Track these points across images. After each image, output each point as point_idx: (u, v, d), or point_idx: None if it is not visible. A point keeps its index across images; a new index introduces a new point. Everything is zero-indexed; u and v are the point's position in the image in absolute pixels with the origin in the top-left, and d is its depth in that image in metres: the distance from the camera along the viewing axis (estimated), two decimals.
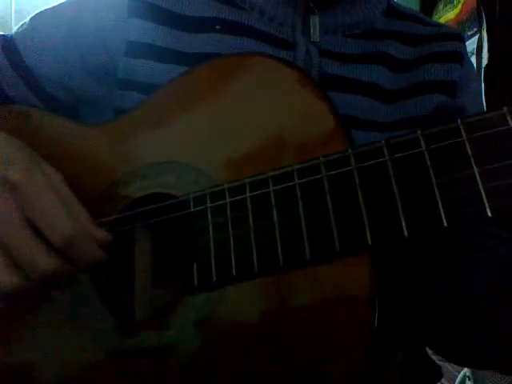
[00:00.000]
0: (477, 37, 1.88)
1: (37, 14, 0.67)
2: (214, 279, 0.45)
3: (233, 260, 0.45)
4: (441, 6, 2.08)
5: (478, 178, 0.37)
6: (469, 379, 1.50)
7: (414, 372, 0.59)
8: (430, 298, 0.54)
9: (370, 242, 0.40)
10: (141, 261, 0.53)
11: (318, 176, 0.43)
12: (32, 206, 0.45)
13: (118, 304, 0.53)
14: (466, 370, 1.48)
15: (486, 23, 1.85)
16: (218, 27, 0.61)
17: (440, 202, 0.38)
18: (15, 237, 0.44)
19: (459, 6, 2.03)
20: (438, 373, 0.63)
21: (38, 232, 0.45)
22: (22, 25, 0.67)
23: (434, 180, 0.38)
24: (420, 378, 0.61)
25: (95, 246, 0.48)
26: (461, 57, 0.66)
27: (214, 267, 0.45)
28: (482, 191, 0.37)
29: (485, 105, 0.74)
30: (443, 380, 0.65)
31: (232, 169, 0.50)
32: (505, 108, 0.38)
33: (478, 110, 0.66)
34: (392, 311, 0.46)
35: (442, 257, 0.54)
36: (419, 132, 0.40)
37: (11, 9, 1.92)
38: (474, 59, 1.82)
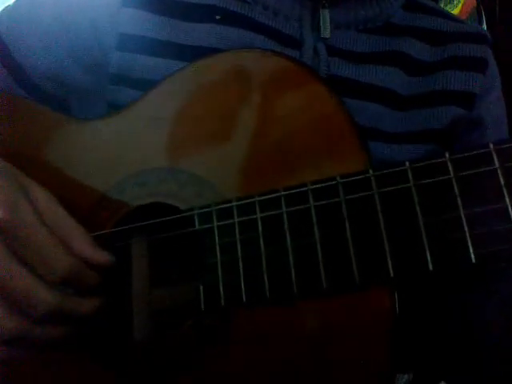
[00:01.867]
0: None
1: None
2: (223, 304, 0.43)
3: (242, 285, 0.42)
4: (441, 6, 2.06)
5: (510, 211, 0.35)
6: None
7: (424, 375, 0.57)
8: (443, 330, 0.52)
9: (392, 275, 0.37)
10: (138, 279, 0.51)
11: (336, 200, 0.40)
12: (23, 246, 0.42)
13: (115, 312, 0.50)
14: None
15: (486, 23, 1.84)
16: (217, 17, 0.57)
17: (468, 236, 0.36)
18: (9, 275, 0.41)
19: (459, 6, 2.01)
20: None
21: (33, 269, 0.42)
22: (6, 7, 0.62)
23: (462, 211, 0.36)
24: (420, 378, 0.59)
25: (93, 274, 0.45)
26: (485, 64, 0.62)
27: (222, 292, 0.43)
28: None
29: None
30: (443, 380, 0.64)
31: (238, 178, 0.47)
32: None
33: (497, 121, 0.63)
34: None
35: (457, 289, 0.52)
36: (447, 156, 0.37)
37: None
38: None
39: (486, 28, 1.84)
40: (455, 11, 2.04)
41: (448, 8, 2.06)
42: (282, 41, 0.57)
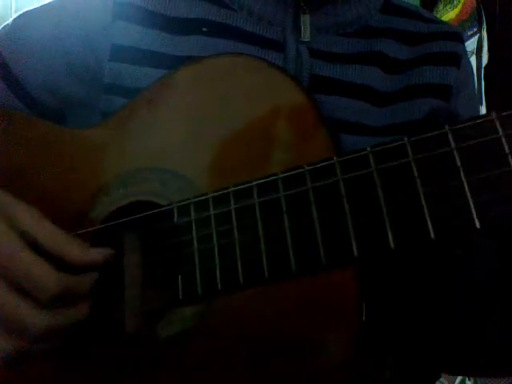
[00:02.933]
0: (477, 37, 1.86)
1: (20, 15, 0.66)
2: (200, 292, 0.44)
3: (218, 273, 0.44)
4: (441, 6, 2.07)
5: (466, 188, 0.36)
6: (468, 379, 1.49)
7: (412, 372, 0.58)
8: (408, 300, 0.53)
9: (356, 254, 0.39)
10: (129, 272, 0.52)
11: (304, 188, 0.42)
12: (11, 270, 0.43)
13: (107, 311, 0.52)
14: None
15: (486, 23, 1.84)
16: (204, 29, 0.60)
17: (427, 213, 0.37)
18: (1, 302, 0.43)
19: (459, 6, 2.01)
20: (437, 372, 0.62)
21: (25, 292, 0.43)
22: (5, 26, 0.66)
23: (421, 191, 0.37)
24: (420, 377, 0.60)
25: (86, 281, 0.47)
26: (458, 59, 0.65)
27: (199, 280, 0.44)
28: (471, 202, 0.36)
29: (485, 104, 0.72)
30: (443, 380, 0.64)
31: (217, 175, 0.49)
32: (493, 114, 0.37)
33: (471, 115, 0.65)
34: (380, 313, 0.45)
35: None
36: (406, 139, 0.39)
37: (11, 9, 1.92)
38: (473, 59, 1.81)
39: (485, 28, 1.85)
40: (455, 11, 2.05)
41: (448, 8, 2.07)
42: (266, 45, 0.60)
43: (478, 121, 0.37)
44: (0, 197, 0.47)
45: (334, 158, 0.41)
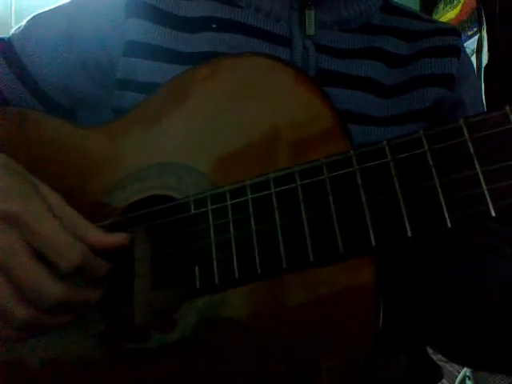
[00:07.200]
0: (477, 37, 1.87)
1: (34, 16, 0.67)
2: (217, 282, 0.45)
3: (235, 262, 0.44)
4: (441, 6, 2.08)
5: (481, 178, 0.37)
6: (469, 379, 1.48)
7: (414, 372, 0.59)
8: (431, 301, 0.53)
9: (373, 244, 0.40)
10: (140, 264, 0.53)
11: (321, 177, 0.42)
12: (36, 236, 0.44)
13: (116, 307, 0.52)
14: (466, 370, 1.47)
15: (486, 23, 1.85)
16: (213, 26, 0.62)
17: (443, 203, 0.38)
18: (21, 267, 0.43)
19: (459, 6, 2.02)
20: (439, 373, 0.63)
21: (45, 260, 0.44)
22: (19, 27, 0.67)
23: (437, 180, 0.38)
24: (421, 378, 0.61)
25: (103, 264, 0.48)
26: (458, 50, 0.67)
27: (216, 270, 0.45)
28: (486, 191, 0.37)
29: (484, 103, 0.74)
30: (443, 380, 0.64)
31: (232, 170, 0.50)
32: (507, 107, 0.38)
33: (476, 103, 0.67)
34: (394, 311, 0.46)
35: (445, 259, 0.53)
36: (421, 132, 0.40)
37: (11, 9, 1.93)
38: (474, 59, 1.82)
39: (485, 28, 1.86)
40: (455, 11, 2.06)
41: (448, 8, 2.08)
42: (274, 41, 0.62)
43: (491, 114, 0.38)
44: (28, 176, 0.48)
45: (351, 151, 0.42)
